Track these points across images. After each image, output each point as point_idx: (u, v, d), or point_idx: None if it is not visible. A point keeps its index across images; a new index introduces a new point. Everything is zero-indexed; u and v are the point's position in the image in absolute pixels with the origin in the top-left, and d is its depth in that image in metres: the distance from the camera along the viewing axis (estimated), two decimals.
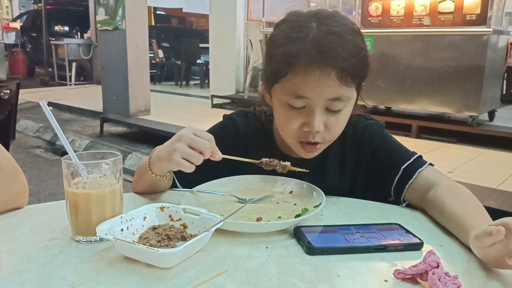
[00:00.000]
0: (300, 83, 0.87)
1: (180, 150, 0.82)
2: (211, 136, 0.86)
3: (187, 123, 5.15)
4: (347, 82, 0.87)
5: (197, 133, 0.85)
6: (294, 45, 0.87)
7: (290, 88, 0.89)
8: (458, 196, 0.89)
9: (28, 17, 13.43)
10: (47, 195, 3.60)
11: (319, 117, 0.90)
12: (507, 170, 3.62)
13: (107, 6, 5.77)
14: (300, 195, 0.97)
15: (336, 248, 0.74)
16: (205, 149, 0.83)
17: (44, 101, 0.81)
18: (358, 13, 5.26)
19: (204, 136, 0.85)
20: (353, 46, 0.88)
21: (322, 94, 0.88)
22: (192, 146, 0.83)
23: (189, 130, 0.85)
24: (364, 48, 0.91)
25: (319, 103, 0.89)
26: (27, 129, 6.07)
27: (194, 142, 0.83)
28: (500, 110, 5.33)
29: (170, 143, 0.86)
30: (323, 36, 0.86)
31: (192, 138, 0.83)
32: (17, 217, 0.87)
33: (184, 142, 0.83)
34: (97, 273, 0.66)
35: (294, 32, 0.89)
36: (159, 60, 10.41)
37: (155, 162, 0.91)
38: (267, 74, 0.95)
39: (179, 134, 0.84)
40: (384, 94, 5.07)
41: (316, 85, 0.87)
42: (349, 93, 0.90)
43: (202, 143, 0.83)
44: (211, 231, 0.72)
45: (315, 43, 0.86)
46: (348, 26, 0.90)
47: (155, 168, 0.91)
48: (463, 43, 4.55)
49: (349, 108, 0.95)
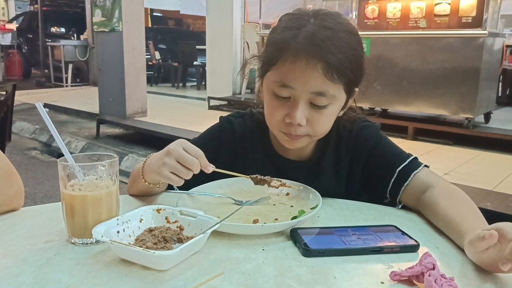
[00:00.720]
0: (287, 71, 0.89)
1: (169, 164, 0.82)
2: (201, 152, 0.84)
3: (183, 125, 5.15)
4: (333, 78, 0.88)
5: (186, 148, 0.83)
6: (287, 34, 0.90)
7: (278, 75, 0.91)
8: (453, 199, 0.89)
9: (24, 19, 13.39)
10: (43, 197, 3.59)
11: (302, 110, 0.91)
12: (503, 172, 3.64)
13: (104, 7, 5.76)
14: (296, 197, 0.97)
15: (333, 250, 0.74)
16: (193, 167, 0.82)
17: (40, 102, 0.81)
18: (355, 15, 5.27)
19: (193, 152, 0.83)
20: (344, 43, 0.88)
21: (306, 85, 0.89)
22: (180, 162, 0.82)
23: (179, 144, 0.84)
24: (356, 49, 0.92)
25: (302, 94, 0.90)
26: (23, 131, 6.05)
27: (182, 158, 0.81)
28: (495, 112, 5.35)
29: (160, 156, 0.85)
30: (316, 29, 0.88)
31: (181, 154, 0.82)
32: (13, 219, 0.87)
33: (173, 157, 0.82)
34: (93, 275, 0.65)
35: (291, 23, 0.92)
36: (155, 62, 10.40)
37: (147, 171, 0.90)
38: (262, 62, 0.97)
39: (168, 148, 0.83)
40: (380, 96, 5.08)
41: (301, 75, 0.88)
42: (334, 90, 0.90)
43: (190, 160, 0.81)
44: (208, 233, 0.72)
45: (307, 34, 0.88)
46: (344, 26, 0.91)
47: (147, 177, 0.91)
48: (459, 46, 4.57)
49: (335, 107, 0.95)
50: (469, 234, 0.72)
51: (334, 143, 1.05)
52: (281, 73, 0.90)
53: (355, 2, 5.25)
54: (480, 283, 0.66)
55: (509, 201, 2.85)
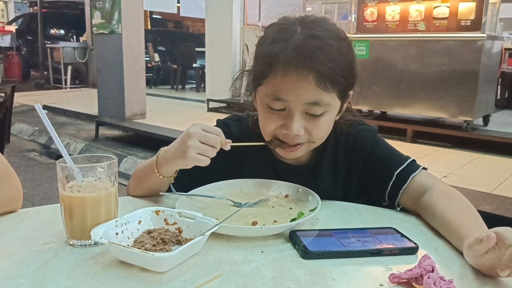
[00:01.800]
0: (278, 84, 0.89)
1: (194, 146, 0.84)
2: (219, 130, 0.88)
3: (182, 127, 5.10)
4: (325, 87, 0.87)
5: (205, 129, 0.87)
6: (275, 46, 0.89)
7: (270, 89, 0.91)
8: (452, 201, 0.89)
9: (24, 20, 13.39)
10: (42, 198, 3.58)
11: (298, 121, 0.91)
12: (502, 174, 3.64)
13: (103, 9, 5.76)
14: (295, 199, 0.97)
15: (332, 252, 0.74)
16: (216, 143, 0.86)
17: (39, 104, 0.81)
18: (354, 18, 5.28)
19: (212, 130, 0.87)
20: (334, 51, 0.88)
21: (299, 97, 0.88)
22: (203, 142, 0.85)
23: (197, 126, 0.87)
24: (347, 55, 0.91)
25: (297, 106, 0.90)
26: (22, 132, 6.04)
27: (205, 138, 0.85)
28: (494, 115, 5.37)
29: (181, 141, 0.87)
30: (304, 39, 0.88)
31: (203, 134, 0.85)
32: (11, 221, 0.87)
33: (196, 138, 0.84)
34: (92, 277, 0.65)
35: (278, 34, 0.91)
36: (155, 64, 10.41)
37: (163, 164, 0.91)
38: (252, 77, 0.97)
39: (188, 132, 0.86)
40: (379, 99, 5.09)
41: (293, 88, 0.87)
42: (328, 98, 0.90)
43: (213, 138, 0.86)
44: (207, 235, 0.72)
45: (295, 45, 0.87)
46: (332, 32, 0.91)
47: (163, 169, 0.91)
48: (457, 49, 4.58)
49: (331, 114, 0.94)
50: (468, 237, 0.72)
51: (331, 147, 1.05)
52: (273, 86, 0.90)
53: (354, 5, 5.26)
54: (479, 286, 0.66)
55: (507, 204, 2.85)
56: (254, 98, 1.02)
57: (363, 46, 5.15)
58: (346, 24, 5.55)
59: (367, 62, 5.09)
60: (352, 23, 5.30)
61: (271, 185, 1.02)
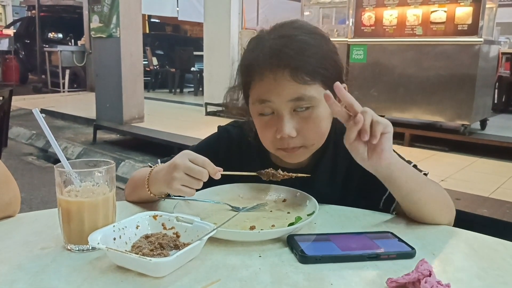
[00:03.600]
0: (259, 88, 0.92)
1: (178, 178, 0.82)
2: (207, 160, 0.84)
3: (181, 131, 5.14)
4: (304, 81, 0.89)
5: (192, 159, 0.83)
6: (250, 56, 0.94)
7: (255, 96, 0.94)
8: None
9: (22, 24, 13.39)
10: (39, 203, 3.57)
11: (288, 121, 0.91)
12: (499, 178, 3.65)
13: (101, 13, 5.77)
14: (293, 204, 0.97)
15: (329, 257, 0.74)
16: (202, 176, 0.82)
17: (37, 109, 0.81)
18: (352, 22, 5.30)
19: (199, 162, 0.83)
20: (303, 44, 0.90)
21: (281, 96, 0.90)
22: (189, 174, 0.82)
23: (185, 156, 0.84)
24: (320, 46, 0.92)
25: (282, 105, 0.91)
26: (20, 136, 6.03)
27: (190, 170, 0.82)
28: (491, 119, 5.38)
29: (167, 171, 0.85)
30: (273, 42, 0.91)
31: (188, 166, 0.82)
32: (8, 226, 0.87)
33: (181, 170, 0.82)
34: (89, 282, 0.65)
35: (252, 46, 0.96)
36: (153, 68, 10.41)
37: (153, 184, 0.91)
38: (242, 91, 1.01)
39: (175, 162, 0.83)
40: (377, 103, 5.10)
41: (273, 87, 0.90)
42: (311, 92, 0.90)
43: (198, 171, 0.82)
44: (204, 240, 0.72)
45: (267, 49, 0.91)
46: (302, 29, 0.94)
47: (153, 188, 0.91)
48: (455, 53, 4.60)
49: (322, 109, 0.93)
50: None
51: (331, 151, 1.05)
52: (256, 92, 0.93)
53: (351, 10, 5.28)
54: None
55: (505, 208, 2.86)
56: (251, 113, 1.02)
57: (360, 50, 5.16)
58: (344, 28, 5.57)
59: (364, 66, 5.11)
60: (349, 27, 5.31)
61: (269, 190, 1.03)
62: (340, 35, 5.65)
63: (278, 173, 0.95)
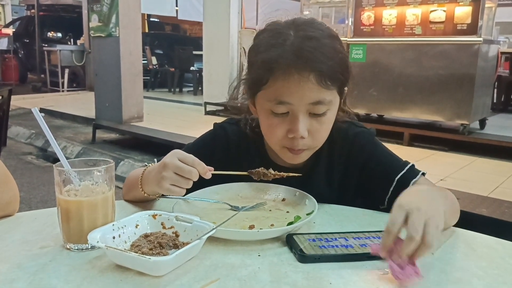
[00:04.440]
0: (280, 88, 0.89)
1: (168, 177, 0.82)
2: (197, 160, 0.84)
3: (180, 130, 5.14)
4: (327, 85, 0.89)
5: (182, 159, 0.83)
6: (273, 51, 0.90)
7: (272, 94, 0.91)
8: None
9: (21, 23, 13.37)
10: (38, 202, 3.57)
11: (303, 123, 0.91)
12: (498, 178, 3.65)
13: (101, 12, 5.77)
14: (292, 203, 0.98)
15: (329, 256, 0.74)
16: (192, 176, 0.82)
17: (36, 108, 0.81)
18: (351, 22, 5.29)
19: (189, 161, 0.83)
20: (330, 49, 0.90)
21: (303, 98, 0.89)
22: (178, 173, 0.82)
23: (174, 156, 0.83)
24: (341, 51, 0.93)
25: (301, 107, 0.90)
26: (19, 136, 6.02)
27: (179, 169, 0.82)
28: (491, 119, 5.38)
29: (157, 171, 0.84)
30: (300, 41, 0.89)
31: (177, 165, 0.82)
32: (8, 225, 0.87)
33: (170, 169, 0.82)
34: (89, 281, 0.65)
35: (273, 40, 0.91)
36: (152, 67, 10.40)
37: (145, 183, 0.91)
38: (249, 84, 0.97)
39: (164, 162, 0.83)
40: (376, 102, 5.11)
41: (296, 90, 0.88)
42: (330, 96, 0.91)
43: (188, 170, 0.81)
44: (204, 239, 0.72)
45: (293, 48, 0.88)
46: (325, 31, 0.93)
47: (146, 188, 0.91)
48: (454, 52, 4.60)
49: (333, 112, 0.95)
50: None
51: (327, 149, 1.05)
52: (274, 91, 0.90)
53: (351, 9, 5.28)
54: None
55: (504, 207, 2.86)
56: (251, 105, 1.02)
57: (360, 50, 5.16)
58: (343, 27, 5.57)
59: (364, 66, 5.10)
60: (349, 26, 5.31)
61: (268, 189, 1.03)
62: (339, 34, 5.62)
63: (269, 173, 0.95)
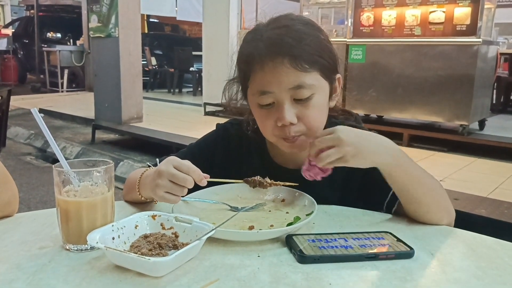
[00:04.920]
0: (260, 79, 0.92)
1: (162, 185, 0.81)
2: (192, 167, 0.83)
3: (179, 131, 5.14)
4: (303, 68, 0.89)
5: (177, 166, 0.82)
6: (248, 47, 0.94)
7: (255, 87, 0.94)
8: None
9: (20, 24, 13.37)
10: (38, 202, 3.57)
11: (288, 109, 0.92)
12: (497, 178, 3.65)
13: (100, 13, 5.77)
14: (292, 204, 0.98)
15: (328, 257, 0.74)
16: (186, 183, 0.81)
17: (35, 108, 0.81)
18: (350, 22, 5.30)
19: (184, 168, 0.82)
20: (301, 34, 0.91)
21: (282, 84, 0.90)
22: (173, 181, 0.81)
23: (169, 163, 0.83)
24: (316, 35, 0.94)
25: (282, 94, 0.91)
26: (18, 136, 6.02)
27: (174, 178, 0.81)
28: (490, 120, 5.39)
29: (153, 178, 0.84)
30: (271, 32, 0.92)
31: (172, 174, 0.81)
32: (7, 225, 0.86)
33: (165, 177, 0.81)
34: (88, 282, 0.65)
35: (250, 37, 0.96)
36: (152, 68, 10.40)
37: (142, 188, 0.91)
38: (240, 85, 1.01)
39: (159, 169, 0.83)
40: (375, 103, 5.11)
41: (273, 77, 0.90)
42: (311, 80, 0.91)
43: (182, 178, 0.81)
44: (203, 240, 0.72)
45: (265, 39, 0.92)
46: (298, 20, 0.95)
47: (143, 192, 0.92)
48: (453, 53, 4.61)
49: (320, 96, 0.95)
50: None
51: None
52: (255, 83, 0.93)
53: (350, 10, 5.29)
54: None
55: (503, 208, 2.86)
56: (248, 104, 1.02)
57: (359, 51, 5.17)
58: (343, 28, 5.57)
59: (363, 67, 5.11)
60: (348, 27, 5.32)
61: (268, 190, 1.02)
62: (339, 35, 5.65)
63: (265, 181, 0.95)
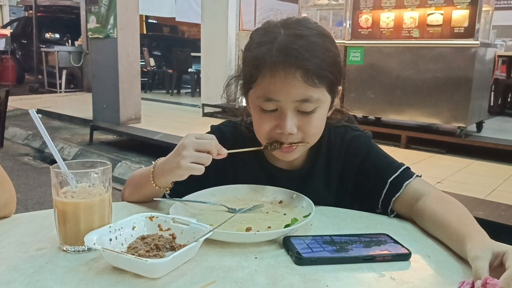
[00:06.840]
0: (268, 85, 0.91)
1: (189, 155, 0.84)
2: (213, 136, 0.89)
3: (177, 132, 5.13)
4: (314, 83, 0.89)
5: (199, 137, 0.87)
6: (261, 49, 0.91)
7: (260, 91, 0.93)
8: (449, 205, 0.90)
9: (19, 24, 13.35)
10: (35, 203, 3.56)
11: (291, 119, 0.92)
12: (495, 180, 3.66)
13: (99, 14, 5.76)
14: (289, 205, 0.98)
15: (325, 258, 0.74)
16: (212, 148, 0.86)
17: (33, 109, 0.81)
18: (349, 24, 5.31)
19: (206, 137, 0.88)
20: (318, 47, 0.90)
21: (289, 95, 0.90)
22: (198, 149, 0.85)
23: (191, 135, 0.87)
24: (331, 50, 0.93)
25: (288, 104, 0.91)
26: (16, 137, 6.00)
27: (200, 145, 0.85)
28: (487, 122, 5.40)
29: (175, 153, 0.87)
30: (288, 39, 0.90)
31: (197, 142, 0.85)
32: (4, 226, 0.86)
33: (190, 147, 0.84)
34: (85, 283, 0.65)
35: (262, 38, 0.93)
36: (150, 69, 10.40)
37: (159, 175, 0.91)
38: (242, 82, 0.99)
39: (183, 143, 0.86)
40: (373, 105, 5.12)
41: (282, 87, 0.89)
42: (318, 94, 0.91)
43: (208, 143, 0.86)
44: (200, 241, 0.72)
45: (280, 45, 0.89)
46: (315, 30, 0.93)
47: (159, 181, 0.91)
48: (451, 55, 4.62)
49: (323, 110, 0.96)
50: (469, 238, 0.74)
51: (325, 152, 1.06)
52: (263, 88, 0.92)
53: (348, 12, 5.29)
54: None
55: (501, 210, 2.87)
56: (246, 102, 1.02)
57: (357, 53, 5.17)
58: (341, 30, 5.58)
59: (361, 69, 5.12)
60: (347, 29, 5.32)
61: (265, 191, 1.03)
62: (337, 37, 5.64)
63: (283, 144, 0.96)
